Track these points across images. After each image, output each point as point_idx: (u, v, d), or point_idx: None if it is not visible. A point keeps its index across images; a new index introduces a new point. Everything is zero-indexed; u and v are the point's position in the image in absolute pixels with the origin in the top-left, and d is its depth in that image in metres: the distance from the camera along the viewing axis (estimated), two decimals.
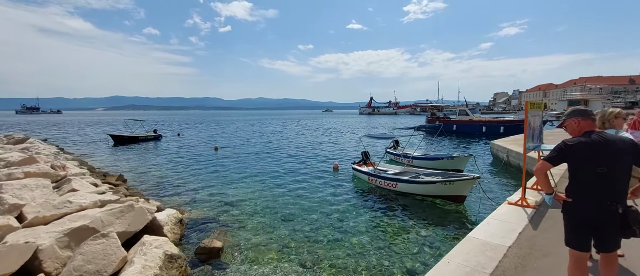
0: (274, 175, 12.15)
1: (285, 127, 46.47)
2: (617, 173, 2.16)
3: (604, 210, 2.15)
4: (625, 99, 67.45)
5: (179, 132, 33.26)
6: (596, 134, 2.25)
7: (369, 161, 11.29)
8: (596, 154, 2.16)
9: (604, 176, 2.14)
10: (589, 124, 2.33)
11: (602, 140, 2.19)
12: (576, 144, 2.24)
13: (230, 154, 17.90)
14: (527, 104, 4.83)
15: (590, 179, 2.19)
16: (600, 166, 2.14)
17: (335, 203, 8.58)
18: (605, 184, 2.15)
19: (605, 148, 2.16)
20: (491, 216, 4.72)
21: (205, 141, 25.88)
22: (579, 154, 2.22)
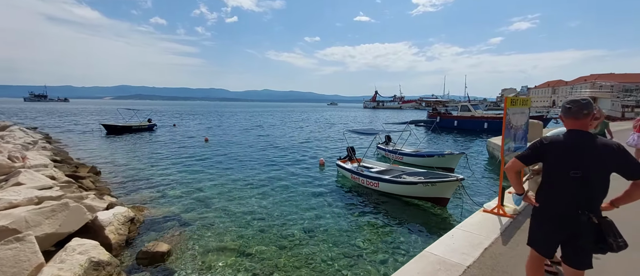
0: (257, 170, 11.70)
1: (286, 120, 46.01)
2: (592, 180, 1.93)
3: (574, 219, 1.96)
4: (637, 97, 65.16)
5: (175, 123, 33.01)
6: (577, 134, 2.00)
7: (354, 157, 10.74)
8: (570, 156, 1.96)
9: (578, 181, 1.93)
10: (572, 123, 2.05)
11: (580, 142, 1.96)
12: (552, 143, 2.04)
13: (219, 147, 17.51)
14: (506, 100, 4.23)
15: (562, 183, 1.99)
16: (575, 169, 1.94)
17: (313, 203, 8.09)
18: (578, 190, 1.95)
19: (582, 151, 1.94)
20: (460, 226, 4.18)
21: (199, 132, 25.54)
22: (554, 154, 2.02)
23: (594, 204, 1.97)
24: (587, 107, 2.00)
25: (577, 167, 1.94)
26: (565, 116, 2.09)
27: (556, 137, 2.07)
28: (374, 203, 8.08)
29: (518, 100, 4.73)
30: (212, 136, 22.48)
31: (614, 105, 38.58)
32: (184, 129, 27.53)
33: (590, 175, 1.93)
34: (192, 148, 16.99)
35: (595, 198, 1.97)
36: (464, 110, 29.44)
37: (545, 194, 2.11)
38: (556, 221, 2.05)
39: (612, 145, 1.93)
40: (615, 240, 1.91)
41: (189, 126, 31.70)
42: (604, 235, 1.91)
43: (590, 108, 2.01)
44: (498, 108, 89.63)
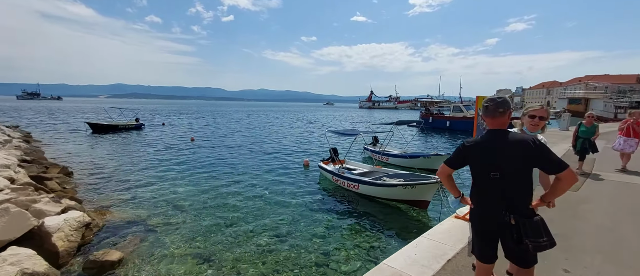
0: (239, 172, 11.37)
1: (279, 120, 45.66)
2: (511, 179, 1.89)
3: (499, 220, 1.93)
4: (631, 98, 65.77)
5: (164, 122, 32.49)
6: (494, 134, 1.97)
7: (337, 159, 10.46)
8: (489, 157, 1.94)
9: (497, 182, 1.91)
10: (490, 122, 2.00)
11: (495, 141, 1.94)
12: (471, 145, 2.02)
13: (205, 147, 17.13)
14: (477, 101, 3.96)
15: (486, 185, 1.98)
16: (493, 170, 1.92)
17: (291, 207, 7.79)
18: (500, 190, 1.92)
19: (496, 151, 1.92)
20: (426, 234, 3.90)
21: (188, 131, 25.11)
22: (474, 157, 2.01)
23: (516, 203, 1.91)
24: (503, 106, 1.95)
25: (496, 167, 1.91)
26: (484, 115, 2.03)
27: (476, 139, 2.04)
28: (353, 206, 7.80)
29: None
30: (200, 136, 22.07)
31: (607, 106, 38.74)
32: (173, 129, 27.07)
33: (509, 174, 1.89)
34: (176, 148, 16.59)
35: (517, 197, 1.92)
36: (456, 111, 29.32)
37: (474, 196, 2.09)
38: (485, 224, 2.03)
39: (528, 141, 1.86)
40: (534, 240, 1.82)
41: (179, 125, 31.23)
42: (521, 236, 1.85)
43: (506, 106, 1.96)
44: None
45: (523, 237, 1.84)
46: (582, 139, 6.97)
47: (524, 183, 1.92)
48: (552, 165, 1.82)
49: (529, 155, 1.84)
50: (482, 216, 2.04)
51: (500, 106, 1.95)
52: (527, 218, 1.85)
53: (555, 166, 1.80)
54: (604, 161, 8.37)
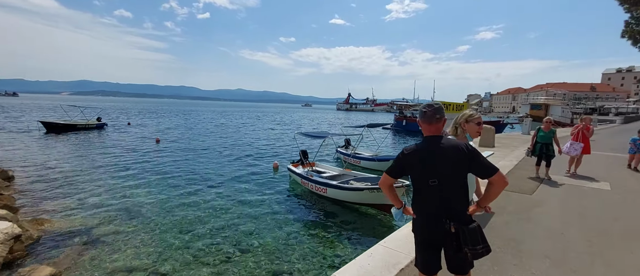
0: (205, 175, 10.86)
1: (255, 121, 44.82)
2: (448, 186, 1.88)
3: (439, 228, 1.89)
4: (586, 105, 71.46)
5: (130, 122, 30.74)
6: (431, 140, 1.95)
7: (307, 161, 10.27)
8: (426, 164, 1.91)
9: (436, 190, 1.89)
10: (427, 127, 1.98)
11: (431, 148, 1.91)
12: (410, 153, 1.96)
13: (171, 149, 16.31)
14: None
15: (425, 193, 1.95)
16: (431, 177, 1.89)
17: (256, 212, 7.49)
18: (438, 198, 1.89)
19: (433, 158, 1.89)
20: (383, 241, 3.80)
21: (155, 132, 23.88)
22: (413, 164, 1.95)
23: (454, 210, 1.89)
24: (440, 112, 1.96)
25: (434, 174, 1.88)
26: (421, 121, 2.00)
27: (414, 146, 2.00)
28: (321, 211, 7.64)
29: (451, 105, 4.48)
30: (168, 137, 21.06)
31: (564, 112, 41.61)
32: (139, 129, 25.65)
33: (446, 181, 1.88)
34: (139, 150, 15.64)
35: (455, 204, 1.90)
36: None
37: (415, 205, 2.04)
38: (427, 233, 1.98)
39: (461, 147, 1.87)
40: (472, 248, 1.79)
41: (147, 125, 29.68)
42: (460, 244, 1.81)
43: (442, 113, 1.97)
44: None
45: (462, 245, 1.81)
46: (540, 144, 7.07)
47: (461, 189, 1.92)
48: (484, 170, 1.85)
49: (463, 160, 1.85)
50: (424, 225, 2.00)
51: (438, 112, 1.96)
52: (466, 225, 1.83)
53: (488, 171, 1.83)
54: (559, 165, 8.82)
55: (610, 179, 7.18)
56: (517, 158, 10.08)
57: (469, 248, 1.79)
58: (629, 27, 9.94)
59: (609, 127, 29.35)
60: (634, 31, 9.78)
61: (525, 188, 6.35)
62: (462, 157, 1.85)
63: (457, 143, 1.89)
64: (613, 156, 10.53)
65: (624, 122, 37.56)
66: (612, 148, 12.26)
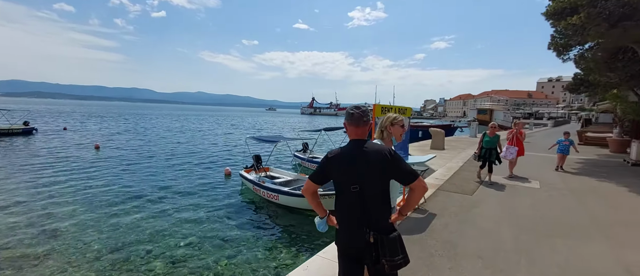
0: (146, 187, 9.90)
1: (214, 125, 42.90)
2: (370, 192, 1.78)
3: (359, 237, 1.78)
4: (524, 110, 79.44)
5: (66, 127, 27.55)
6: (355, 144, 1.85)
7: (260, 166, 9.85)
8: (349, 169, 1.80)
9: (357, 196, 1.78)
10: (353, 131, 1.88)
11: (354, 152, 1.81)
12: (333, 157, 1.85)
13: (112, 156, 14.79)
14: (374, 109, 3.86)
15: (346, 200, 1.83)
16: (353, 183, 1.78)
17: (199, 224, 6.92)
18: (359, 205, 1.78)
19: (356, 162, 1.79)
20: (321, 252, 3.61)
21: (96, 138, 21.61)
22: (336, 169, 1.84)
23: (376, 219, 1.79)
24: (367, 115, 1.89)
25: (355, 181, 1.77)
26: (348, 123, 1.89)
27: (338, 150, 1.88)
28: (271, 219, 7.29)
29: (393, 109, 4.47)
30: (111, 143, 19.17)
31: (506, 116, 45.74)
32: (77, 135, 23.04)
33: (369, 187, 1.77)
34: (72, 158, 13.92)
35: (377, 212, 1.80)
36: None
37: (338, 214, 1.91)
38: (349, 243, 1.85)
39: (384, 152, 1.79)
40: (391, 259, 1.69)
41: (88, 130, 26.83)
42: (378, 255, 1.72)
43: (369, 116, 1.90)
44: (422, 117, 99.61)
45: (380, 256, 1.71)
46: (486, 148, 7.13)
47: (383, 197, 1.83)
48: (406, 176, 1.78)
49: (386, 166, 1.76)
50: (345, 235, 1.87)
51: (365, 115, 1.87)
52: (386, 235, 1.74)
53: (409, 177, 1.77)
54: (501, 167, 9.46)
55: (540, 178, 7.81)
56: (463, 160, 10.67)
57: (387, 259, 1.69)
58: (554, 40, 11.09)
59: (542, 130, 32.80)
60: (557, 44, 10.92)
61: (467, 188, 6.64)
62: (384, 163, 1.75)
63: (381, 148, 1.80)
64: (544, 156, 11.59)
65: (554, 125, 42.38)
66: (544, 149, 13.51)
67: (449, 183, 7.13)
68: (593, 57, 12.29)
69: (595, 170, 9.21)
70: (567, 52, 11.58)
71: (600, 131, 18.18)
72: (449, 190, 6.46)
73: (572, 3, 9.18)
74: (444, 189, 6.54)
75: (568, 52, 11.64)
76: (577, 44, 10.93)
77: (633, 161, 9.83)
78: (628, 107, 11.44)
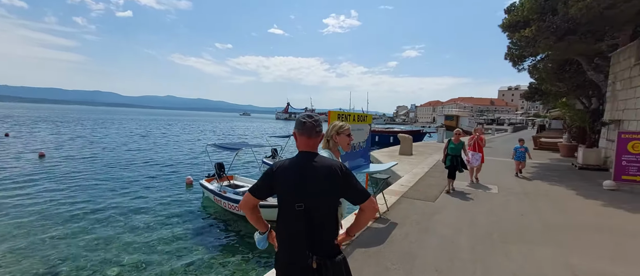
0: (95, 197, 9.06)
1: (182, 131, 41.02)
2: (316, 212, 1.59)
3: (300, 261, 1.57)
4: (487, 116, 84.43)
5: (8, 132, 24.87)
6: (305, 157, 1.67)
7: (224, 175, 9.36)
8: (295, 185, 1.60)
9: (302, 215, 1.57)
10: (305, 142, 1.70)
11: (305, 166, 1.63)
12: (279, 169, 1.66)
13: (58, 166, 13.43)
14: (330, 116, 3.70)
15: (289, 218, 1.62)
16: (298, 201, 1.58)
17: (153, 239, 6.37)
18: (304, 226, 1.57)
19: (304, 177, 1.60)
20: (272, 272, 3.34)
21: (42, 145, 19.69)
22: (280, 183, 1.64)
23: (321, 241, 1.60)
24: (320, 125, 1.71)
25: (301, 198, 1.58)
26: (299, 132, 1.69)
27: (285, 162, 1.68)
28: (231, 232, 6.88)
29: (351, 116, 4.34)
30: (60, 152, 17.51)
31: (470, 122, 48.23)
32: (20, 141, 20.87)
33: (314, 206, 1.58)
34: (9, 168, 12.46)
35: (322, 234, 1.60)
36: None
37: (279, 233, 1.70)
38: (286, 266, 1.65)
39: (335, 168, 1.61)
40: None
41: (35, 137, 24.45)
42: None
43: (322, 127, 1.73)
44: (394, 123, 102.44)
45: None
46: (451, 156, 6.90)
47: (331, 217, 1.64)
48: (357, 195, 1.61)
49: (337, 184, 1.59)
50: (285, 257, 1.66)
51: (318, 125, 1.70)
52: (330, 259, 1.58)
53: (361, 196, 1.61)
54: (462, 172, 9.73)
55: (499, 182, 8.08)
56: (429, 165, 10.88)
57: None
58: (510, 51, 11.77)
59: (503, 135, 34.85)
60: (513, 54, 11.60)
61: (430, 194, 6.67)
62: (335, 180, 1.58)
63: (332, 163, 1.62)
64: (504, 161, 12.14)
65: (513, 131, 45.25)
66: (504, 154, 14.20)
67: (413, 189, 7.14)
68: (544, 67, 13.21)
69: (548, 174, 9.75)
70: (522, 62, 12.33)
71: (553, 137, 19.57)
72: (413, 197, 6.45)
73: (524, 17, 9.76)
74: (408, 196, 6.52)
75: (522, 63, 12.41)
76: (529, 55, 11.66)
77: (580, 165, 10.55)
78: (575, 114, 12.35)
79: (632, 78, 8.99)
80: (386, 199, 5.73)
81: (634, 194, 7.05)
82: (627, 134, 7.60)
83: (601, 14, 7.88)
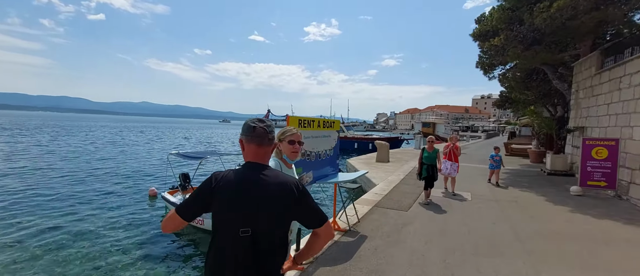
0: (48, 209, 8.19)
1: (153, 138, 39.23)
2: (264, 238, 1.27)
3: None
4: (462, 124, 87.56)
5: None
6: (252, 170, 1.33)
7: (190, 186, 8.76)
8: (236, 203, 1.25)
9: (247, 243, 1.24)
10: (254, 150, 1.37)
11: (250, 180, 1.29)
12: (219, 183, 1.29)
13: (9, 175, 12.21)
14: (288, 121, 3.38)
15: (228, 244, 1.26)
16: (242, 224, 1.24)
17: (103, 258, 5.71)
18: (246, 253, 1.24)
19: (251, 195, 1.26)
20: None
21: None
22: (219, 201, 1.27)
23: (263, 270, 1.29)
24: (273, 132, 1.43)
25: (246, 220, 1.26)
26: (246, 140, 1.38)
27: (228, 174, 1.33)
28: (194, 248, 6.34)
29: (316, 121, 4.04)
30: (8, 162, 16.01)
31: (446, 129, 49.60)
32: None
33: (263, 231, 1.28)
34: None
35: (266, 263, 1.30)
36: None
37: (211, 259, 1.33)
38: None
39: (290, 184, 1.32)
40: None
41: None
42: None
43: (275, 134, 1.49)
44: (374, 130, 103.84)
45: None
46: (426, 165, 6.43)
47: (280, 243, 1.35)
48: (313, 217, 1.35)
49: (291, 205, 1.30)
50: None
51: (271, 132, 1.41)
52: None
53: (316, 220, 1.35)
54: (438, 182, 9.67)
55: (472, 189, 8.04)
56: (405, 172, 10.79)
57: None
58: (481, 60, 12.07)
59: (478, 142, 36.02)
60: (484, 63, 11.90)
61: (404, 203, 6.47)
62: (289, 200, 1.29)
63: (286, 179, 1.34)
64: (478, 167, 12.30)
65: (487, 138, 46.99)
66: (478, 160, 14.44)
67: (387, 198, 6.93)
68: (513, 76, 13.66)
69: (518, 180, 9.91)
70: (492, 71, 12.67)
71: (523, 143, 20.31)
72: (386, 206, 6.22)
73: (493, 26, 10.01)
74: (381, 205, 6.28)
75: (493, 71, 12.75)
76: (499, 63, 11.99)
77: (548, 171, 10.84)
78: (542, 122, 12.80)
79: (593, 87, 9.37)
80: (357, 210, 5.46)
81: (599, 200, 7.22)
82: (591, 140, 7.83)
83: (564, 25, 8.17)
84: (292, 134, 2.07)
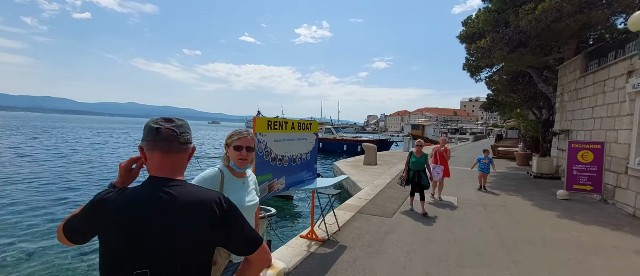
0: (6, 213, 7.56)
1: (137, 138, 38.09)
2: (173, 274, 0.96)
3: None
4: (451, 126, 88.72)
5: None
6: (156, 186, 1.00)
7: None
8: (127, 233, 0.94)
9: None
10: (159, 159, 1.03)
11: (148, 201, 0.97)
12: (103, 204, 0.98)
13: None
14: (255, 122, 3.05)
15: None
16: (138, 264, 0.93)
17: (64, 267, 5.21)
18: None
19: (151, 224, 0.95)
20: None
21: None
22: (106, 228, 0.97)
23: None
24: (186, 133, 1.08)
25: (145, 256, 0.94)
26: (148, 146, 1.04)
27: (123, 193, 1.00)
28: None
29: (289, 123, 3.72)
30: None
31: (435, 131, 50.08)
32: None
33: (166, 270, 0.95)
34: None
35: None
36: (327, 133, 31.31)
37: None
38: None
39: (209, 203, 1.01)
40: None
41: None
42: None
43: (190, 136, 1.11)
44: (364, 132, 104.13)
45: None
46: (413, 171, 6.01)
47: None
48: (244, 243, 1.07)
49: (208, 229, 1.00)
50: None
51: (184, 133, 1.08)
52: None
53: (250, 244, 1.07)
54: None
55: (458, 193, 7.85)
56: (391, 175, 10.55)
57: None
58: (468, 62, 12.02)
59: (466, 144, 36.37)
60: (471, 65, 11.84)
61: (388, 209, 6.20)
62: (205, 224, 0.99)
63: (203, 197, 1.02)
64: (465, 169, 12.17)
65: (475, 140, 47.62)
66: (465, 163, 14.36)
67: (371, 203, 6.64)
68: (499, 79, 13.66)
69: (505, 183, 9.81)
70: (479, 73, 12.63)
71: (509, 146, 20.49)
72: (370, 212, 5.94)
73: (480, 28, 9.93)
74: (365, 212, 5.99)
75: (479, 73, 12.71)
76: (485, 65, 11.96)
77: (535, 174, 10.81)
78: (528, 124, 12.84)
79: (577, 90, 9.37)
80: (337, 217, 5.15)
81: (586, 204, 7.12)
82: (576, 143, 7.75)
83: (549, 27, 8.11)
84: (239, 138, 1.73)
